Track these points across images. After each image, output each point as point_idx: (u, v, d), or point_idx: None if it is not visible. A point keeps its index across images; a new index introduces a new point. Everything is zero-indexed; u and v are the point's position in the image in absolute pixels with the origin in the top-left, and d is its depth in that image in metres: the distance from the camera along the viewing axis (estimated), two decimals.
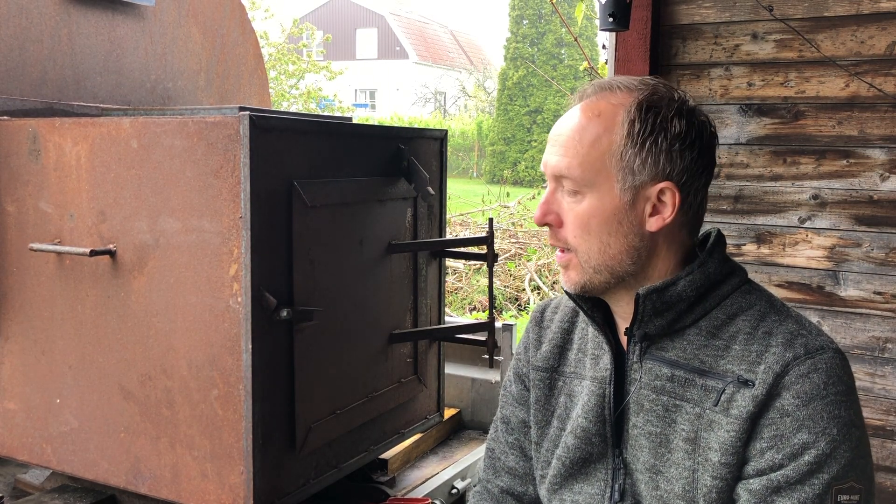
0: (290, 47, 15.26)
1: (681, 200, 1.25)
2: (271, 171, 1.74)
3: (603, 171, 1.24)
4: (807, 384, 1.17)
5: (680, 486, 1.25)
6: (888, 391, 2.56)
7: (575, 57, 24.36)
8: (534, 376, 1.49)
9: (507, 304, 8.04)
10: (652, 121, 1.23)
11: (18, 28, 2.31)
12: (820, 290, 2.63)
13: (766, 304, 1.28)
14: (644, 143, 1.23)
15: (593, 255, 1.27)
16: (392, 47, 38.13)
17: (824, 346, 1.21)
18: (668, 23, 2.79)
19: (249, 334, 1.70)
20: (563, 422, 1.43)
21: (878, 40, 2.51)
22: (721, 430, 1.21)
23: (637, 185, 1.24)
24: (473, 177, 25.12)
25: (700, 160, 1.26)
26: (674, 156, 1.24)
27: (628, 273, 1.28)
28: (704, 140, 1.27)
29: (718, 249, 1.31)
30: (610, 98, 1.27)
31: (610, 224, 1.25)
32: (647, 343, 1.30)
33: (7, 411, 2.09)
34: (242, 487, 1.75)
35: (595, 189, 1.25)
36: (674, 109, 1.25)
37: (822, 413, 1.16)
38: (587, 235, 1.27)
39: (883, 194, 2.54)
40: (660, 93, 1.26)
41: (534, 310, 1.57)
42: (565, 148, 1.27)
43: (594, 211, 1.26)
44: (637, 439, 1.30)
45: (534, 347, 1.51)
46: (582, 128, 1.26)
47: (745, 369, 1.21)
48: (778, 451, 1.17)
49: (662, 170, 1.23)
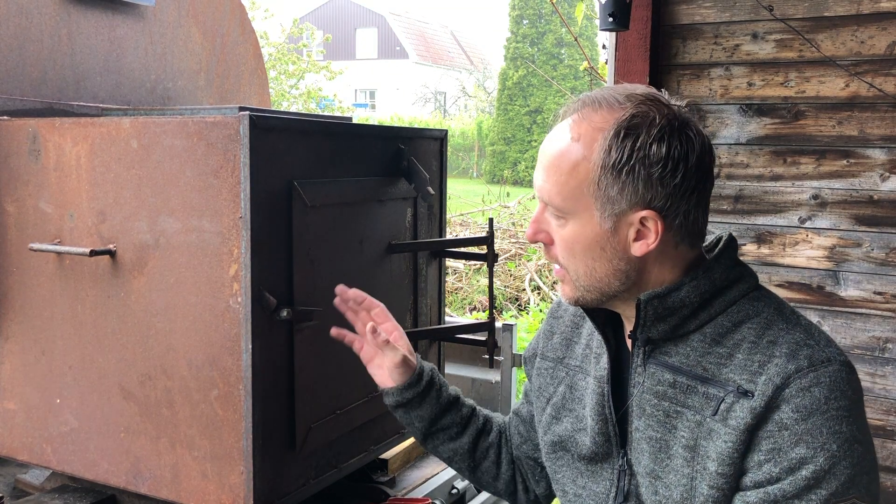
0: (290, 47, 15.26)
1: (664, 227, 1.21)
2: (271, 171, 1.74)
3: (582, 199, 1.22)
4: (807, 398, 1.14)
5: (678, 493, 1.24)
6: (888, 391, 2.56)
7: (575, 57, 24.36)
8: (539, 364, 1.54)
9: (508, 304, 8.04)
10: (630, 147, 1.18)
11: (18, 28, 2.31)
12: (820, 290, 2.63)
13: (774, 311, 1.25)
14: (620, 172, 1.19)
15: (581, 276, 1.27)
16: (392, 47, 38.13)
17: (831, 358, 1.18)
18: (668, 23, 2.79)
19: (249, 334, 1.70)
20: (557, 410, 1.46)
21: (878, 40, 2.51)
22: (719, 440, 1.19)
23: (618, 212, 1.21)
24: (473, 177, 25.13)
25: (686, 182, 1.20)
26: (653, 183, 1.19)
27: (619, 292, 1.27)
28: (692, 161, 1.20)
29: (728, 254, 1.29)
30: (592, 118, 1.22)
31: (593, 250, 1.24)
32: (651, 347, 1.29)
33: (7, 411, 2.09)
34: (242, 487, 1.75)
35: (576, 216, 1.24)
36: (654, 134, 1.18)
37: (822, 428, 1.13)
38: (573, 258, 1.27)
39: (883, 194, 2.54)
40: (642, 114, 1.20)
41: (553, 302, 1.61)
42: (547, 173, 1.25)
43: (577, 237, 1.25)
44: (639, 443, 1.30)
45: (545, 338, 1.55)
46: (561, 154, 1.23)
47: (746, 379, 1.18)
48: (775, 465, 1.15)
49: (642, 198, 1.20)
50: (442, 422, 1.62)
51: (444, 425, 1.62)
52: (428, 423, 1.61)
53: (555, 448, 1.46)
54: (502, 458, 1.66)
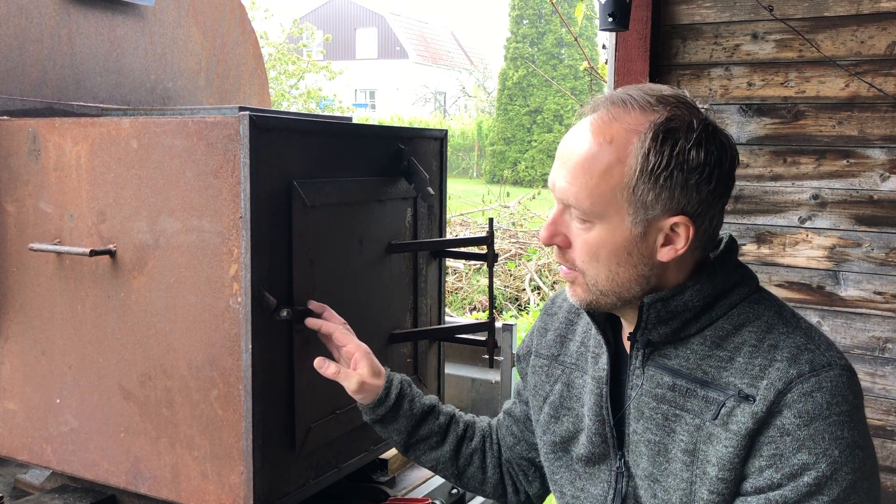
0: (290, 47, 15.25)
1: (695, 232, 1.19)
2: (271, 171, 1.74)
3: (613, 203, 1.18)
4: (809, 403, 1.13)
5: (677, 497, 1.23)
6: (888, 391, 2.56)
7: (575, 57, 24.36)
8: (534, 362, 1.51)
9: (508, 304, 8.04)
10: (668, 153, 1.15)
11: (18, 28, 2.31)
12: (820, 290, 2.63)
13: (775, 314, 1.24)
14: (659, 178, 1.15)
15: (601, 281, 1.23)
16: (392, 47, 38.13)
17: (832, 362, 1.17)
18: (668, 23, 2.79)
19: (249, 334, 1.70)
20: (555, 409, 1.45)
21: (878, 40, 2.51)
22: (719, 445, 1.18)
23: (650, 218, 1.18)
24: (473, 177, 25.13)
25: (718, 188, 1.19)
26: (690, 189, 1.16)
27: (636, 296, 1.24)
28: (725, 167, 1.19)
29: (730, 257, 1.27)
30: (624, 119, 1.17)
31: (619, 255, 1.20)
32: (651, 350, 1.27)
33: (7, 411, 2.09)
34: (242, 487, 1.75)
35: (605, 220, 1.19)
36: (693, 139, 1.16)
37: (824, 434, 1.12)
38: (595, 263, 1.22)
39: (883, 194, 2.54)
40: (679, 118, 1.17)
41: (548, 299, 1.59)
42: (573, 175, 1.19)
43: (603, 241, 1.20)
44: (637, 445, 1.29)
45: (539, 335, 1.53)
46: (592, 155, 1.18)
47: (748, 383, 1.17)
48: (777, 471, 1.14)
49: (677, 203, 1.17)
50: (420, 433, 1.61)
51: (422, 436, 1.61)
52: (406, 435, 1.61)
53: (555, 448, 1.45)
54: (487, 462, 1.64)
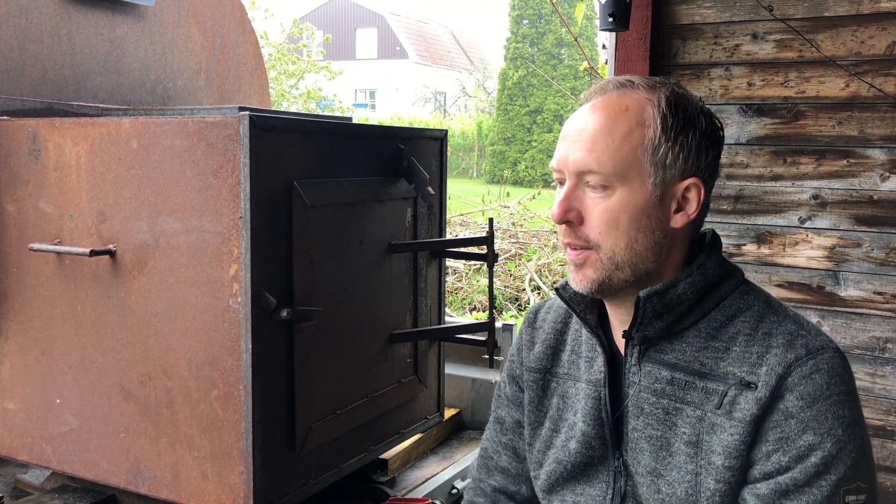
0: (290, 47, 15.25)
1: (704, 196, 1.26)
2: (271, 171, 1.74)
3: (635, 164, 1.23)
4: (810, 385, 1.16)
5: (682, 490, 1.24)
6: (888, 391, 2.56)
7: (575, 57, 24.35)
8: (527, 377, 1.49)
9: (508, 304, 8.04)
10: (682, 116, 1.24)
11: (18, 28, 2.31)
12: (820, 291, 2.63)
13: (764, 304, 1.27)
14: (677, 139, 1.23)
15: (619, 250, 1.24)
16: (392, 47, 38.12)
17: (824, 345, 1.21)
18: (668, 23, 2.79)
19: (249, 334, 1.70)
20: (555, 423, 1.43)
21: (878, 40, 2.51)
22: (724, 434, 1.20)
23: (667, 180, 1.24)
24: (473, 177, 25.12)
25: (717, 159, 1.28)
26: (701, 151, 1.25)
27: (648, 270, 1.26)
28: (721, 139, 1.30)
29: (716, 251, 1.31)
30: (632, 94, 1.26)
31: (639, 219, 1.23)
32: (646, 346, 1.29)
33: (7, 411, 2.09)
34: (242, 487, 1.75)
35: (626, 183, 1.23)
36: (698, 107, 1.27)
37: (827, 414, 1.15)
38: (615, 231, 1.24)
39: (883, 194, 2.53)
40: (682, 93, 1.27)
41: (528, 311, 1.56)
42: (592, 142, 1.23)
43: (624, 206, 1.23)
44: (637, 442, 1.29)
45: (527, 348, 1.51)
46: (611, 121, 1.24)
47: (747, 371, 1.20)
48: (784, 454, 1.16)
49: (691, 166, 1.24)
50: None
51: None
52: None
53: (559, 461, 1.42)
54: None
